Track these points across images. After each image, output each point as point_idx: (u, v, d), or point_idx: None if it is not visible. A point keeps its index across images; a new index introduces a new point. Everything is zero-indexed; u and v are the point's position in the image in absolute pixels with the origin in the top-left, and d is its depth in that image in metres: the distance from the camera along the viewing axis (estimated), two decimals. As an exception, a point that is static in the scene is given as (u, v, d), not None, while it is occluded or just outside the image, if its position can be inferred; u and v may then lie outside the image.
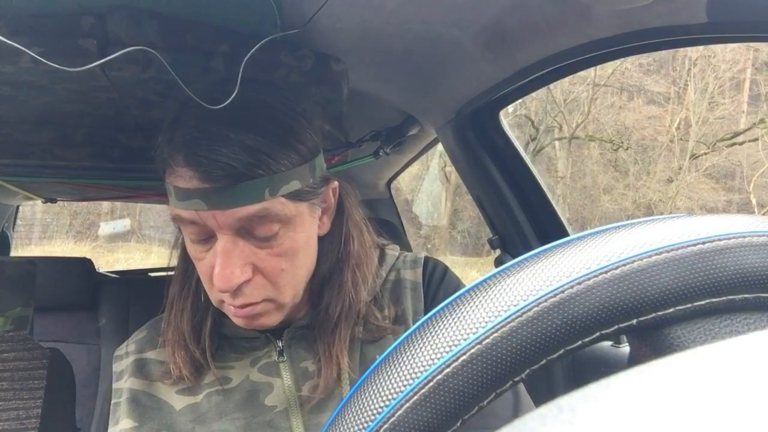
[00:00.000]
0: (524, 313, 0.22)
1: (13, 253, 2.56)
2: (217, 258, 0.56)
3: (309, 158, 0.60)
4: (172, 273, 0.71)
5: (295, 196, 0.59)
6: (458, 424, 0.22)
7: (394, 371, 0.22)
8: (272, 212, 0.57)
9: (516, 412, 0.67)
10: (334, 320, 0.65)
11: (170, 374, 0.64)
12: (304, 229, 0.61)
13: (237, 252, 0.57)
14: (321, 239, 0.67)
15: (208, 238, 0.58)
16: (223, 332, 0.68)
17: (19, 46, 0.62)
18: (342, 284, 0.66)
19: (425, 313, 0.41)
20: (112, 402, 0.66)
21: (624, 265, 0.22)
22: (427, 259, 0.75)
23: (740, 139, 10.30)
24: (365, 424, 0.22)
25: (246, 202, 0.55)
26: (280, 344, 0.66)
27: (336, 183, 0.67)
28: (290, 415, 0.62)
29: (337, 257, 0.67)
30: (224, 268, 0.56)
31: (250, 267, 0.58)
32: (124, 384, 0.66)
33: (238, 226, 0.56)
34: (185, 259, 0.67)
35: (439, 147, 1.34)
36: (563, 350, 0.22)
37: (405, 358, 0.22)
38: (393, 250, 0.76)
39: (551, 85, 1.49)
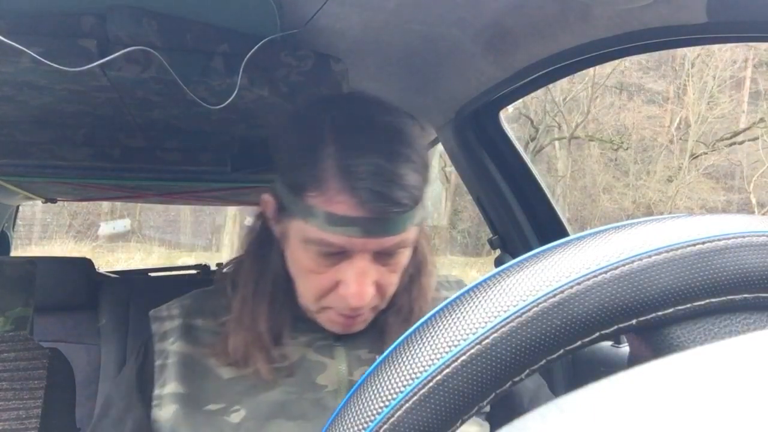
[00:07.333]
0: (524, 313, 0.22)
1: (13, 253, 2.56)
2: (353, 277, 0.59)
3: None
4: (171, 273, 0.71)
5: (420, 221, 0.62)
6: (458, 424, 0.22)
7: (393, 371, 0.22)
8: (408, 238, 0.60)
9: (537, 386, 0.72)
10: (401, 321, 0.67)
11: (226, 357, 0.64)
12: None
13: (371, 272, 0.59)
14: None
15: (336, 254, 0.59)
16: None
17: (19, 46, 0.62)
18: (412, 289, 0.68)
19: None
20: (156, 363, 0.66)
21: (624, 265, 0.22)
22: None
23: (740, 138, 10.30)
24: (365, 424, 0.22)
25: (398, 232, 0.58)
26: None
27: None
28: (339, 397, 0.64)
29: (414, 265, 0.69)
30: (362, 287, 0.58)
31: (375, 284, 0.61)
32: (171, 346, 0.66)
33: (378, 250, 0.59)
34: (261, 261, 0.66)
35: (439, 147, 1.34)
36: (563, 350, 0.22)
37: (405, 359, 0.22)
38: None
39: (551, 85, 1.49)
